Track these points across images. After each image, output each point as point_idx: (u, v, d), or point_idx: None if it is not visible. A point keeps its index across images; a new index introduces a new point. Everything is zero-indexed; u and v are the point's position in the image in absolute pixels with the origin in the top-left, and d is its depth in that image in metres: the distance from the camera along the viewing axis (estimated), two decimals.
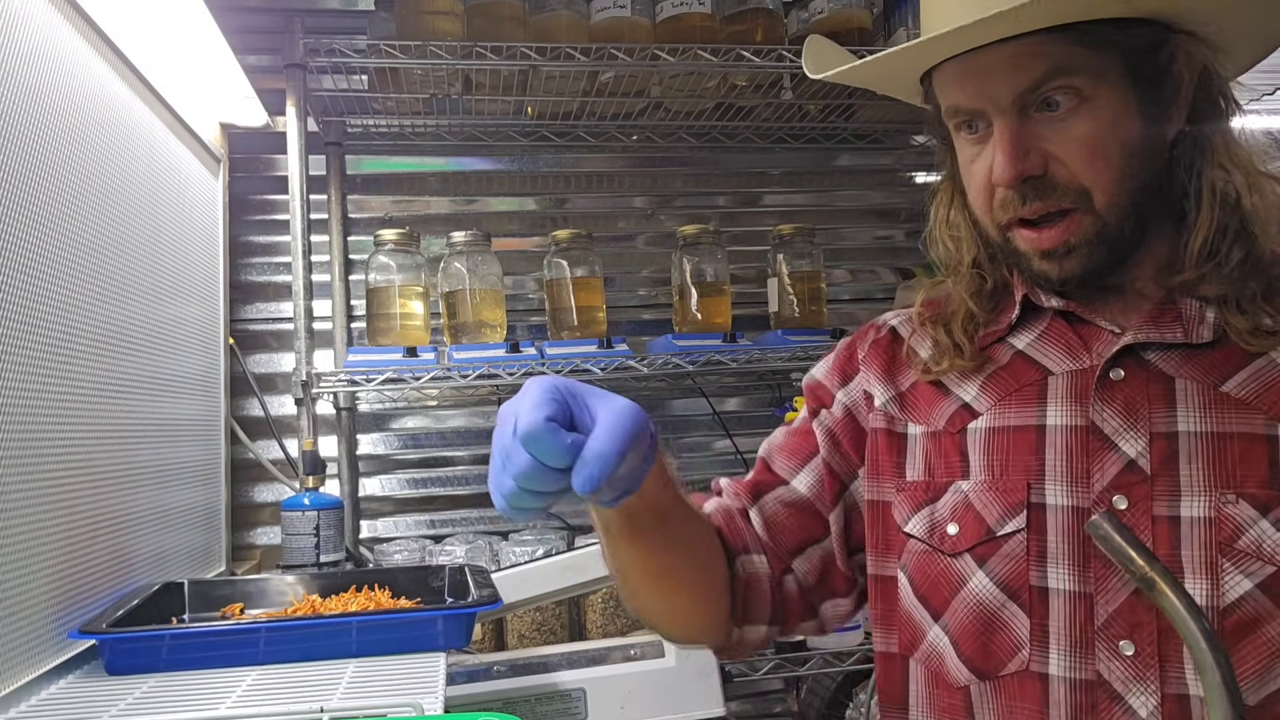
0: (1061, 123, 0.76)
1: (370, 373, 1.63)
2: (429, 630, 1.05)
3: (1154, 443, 0.76)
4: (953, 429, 0.85)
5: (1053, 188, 0.77)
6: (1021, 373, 0.84)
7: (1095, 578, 0.76)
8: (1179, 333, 0.78)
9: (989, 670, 0.80)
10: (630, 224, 2.13)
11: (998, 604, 0.79)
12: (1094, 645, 0.76)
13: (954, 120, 0.82)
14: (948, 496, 0.84)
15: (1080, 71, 0.75)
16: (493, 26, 1.73)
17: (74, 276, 1.10)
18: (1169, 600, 0.59)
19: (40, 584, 0.98)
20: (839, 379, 0.96)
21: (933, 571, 0.84)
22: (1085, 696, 0.75)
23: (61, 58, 1.10)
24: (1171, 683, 0.73)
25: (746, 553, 0.91)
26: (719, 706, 1.46)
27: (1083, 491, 0.78)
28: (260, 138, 1.89)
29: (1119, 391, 0.78)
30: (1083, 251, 0.78)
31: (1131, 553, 0.61)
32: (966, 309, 0.87)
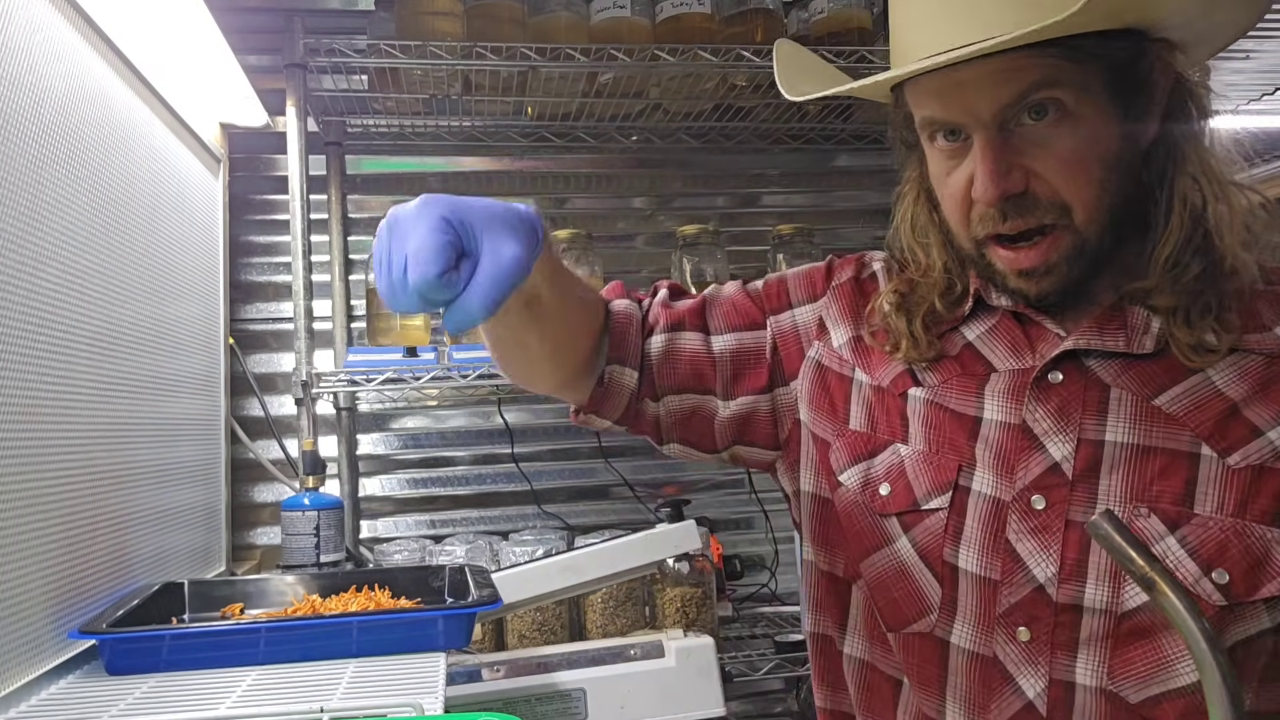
0: (1044, 137, 0.75)
1: (370, 373, 1.63)
2: (429, 630, 1.05)
3: (1080, 448, 0.78)
4: (896, 390, 0.87)
5: (1034, 205, 0.76)
6: (968, 363, 0.85)
7: (1002, 568, 0.79)
8: (1121, 342, 0.79)
9: (895, 625, 0.84)
10: (630, 224, 2.13)
11: (916, 569, 0.83)
12: (994, 627, 0.79)
13: (929, 130, 0.80)
14: (885, 455, 0.86)
15: (1065, 85, 0.74)
16: (492, 27, 1.73)
17: (74, 276, 1.10)
18: (1169, 601, 0.59)
19: (40, 584, 0.98)
20: (805, 294, 0.96)
21: (860, 523, 0.87)
22: (981, 670, 0.80)
23: (61, 58, 1.10)
24: (1060, 670, 0.77)
25: (621, 363, 0.91)
26: (719, 706, 1.46)
27: (1006, 485, 0.80)
28: (260, 138, 1.89)
29: (1054, 394, 0.80)
30: (1060, 270, 0.78)
31: (1131, 553, 0.61)
32: (930, 305, 0.87)
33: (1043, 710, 0.77)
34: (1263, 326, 0.79)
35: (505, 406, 2.01)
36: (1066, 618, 0.77)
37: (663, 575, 1.69)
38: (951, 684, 0.81)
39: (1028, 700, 0.78)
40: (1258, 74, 3.17)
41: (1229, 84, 3.47)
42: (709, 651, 1.48)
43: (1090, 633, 0.76)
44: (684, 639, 1.53)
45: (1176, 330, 0.77)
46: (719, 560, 1.82)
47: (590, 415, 0.94)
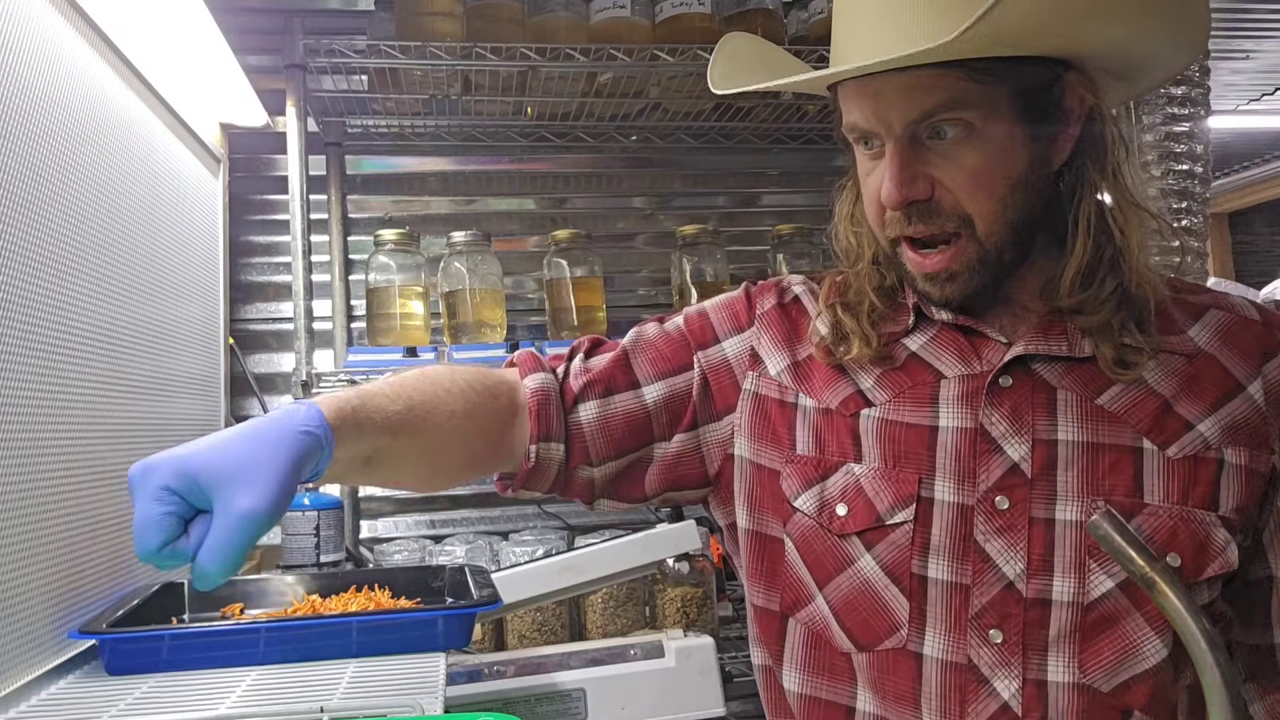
0: (949, 152, 0.79)
1: (370, 373, 1.63)
2: (429, 630, 1.05)
3: (1036, 448, 0.82)
4: (846, 411, 0.88)
5: (937, 212, 0.80)
6: (915, 373, 0.87)
7: (973, 571, 0.82)
8: (1064, 346, 0.84)
9: (867, 644, 0.85)
10: (630, 224, 2.13)
11: (881, 586, 0.85)
12: (966, 632, 0.82)
13: (852, 135, 0.85)
14: (838, 476, 0.87)
15: (971, 106, 0.77)
16: (492, 27, 1.73)
17: (74, 276, 1.10)
18: (1169, 600, 0.59)
19: (40, 584, 0.98)
20: (731, 325, 0.97)
21: (819, 546, 0.88)
22: (955, 677, 0.82)
23: (61, 58, 1.10)
24: (1033, 669, 0.80)
25: (546, 440, 0.91)
26: (719, 706, 1.46)
27: (969, 490, 0.83)
28: (260, 138, 1.89)
29: (1007, 398, 0.84)
30: (964, 277, 0.82)
31: (1132, 553, 0.61)
32: (869, 301, 0.90)
33: (1018, 710, 0.80)
34: (1178, 330, 0.86)
35: None
36: (1036, 614, 0.80)
37: (663, 575, 1.69)
38: (925, 694, 0.83)
39: (1003, 701, 0.80)
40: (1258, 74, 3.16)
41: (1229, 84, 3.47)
42: (709, 651, 1.48)
43: (1059, 628, 0.80)
44: (684, 639, 1.53)
45: (1102, 345, 0.82)
46: (719, 560, 1.82)
47: (520, 490, 0.94)
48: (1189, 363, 0.84)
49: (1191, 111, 2.09)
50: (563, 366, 0.96)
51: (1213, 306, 0.87)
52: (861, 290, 0.91)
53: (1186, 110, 2.09)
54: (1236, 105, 3.73)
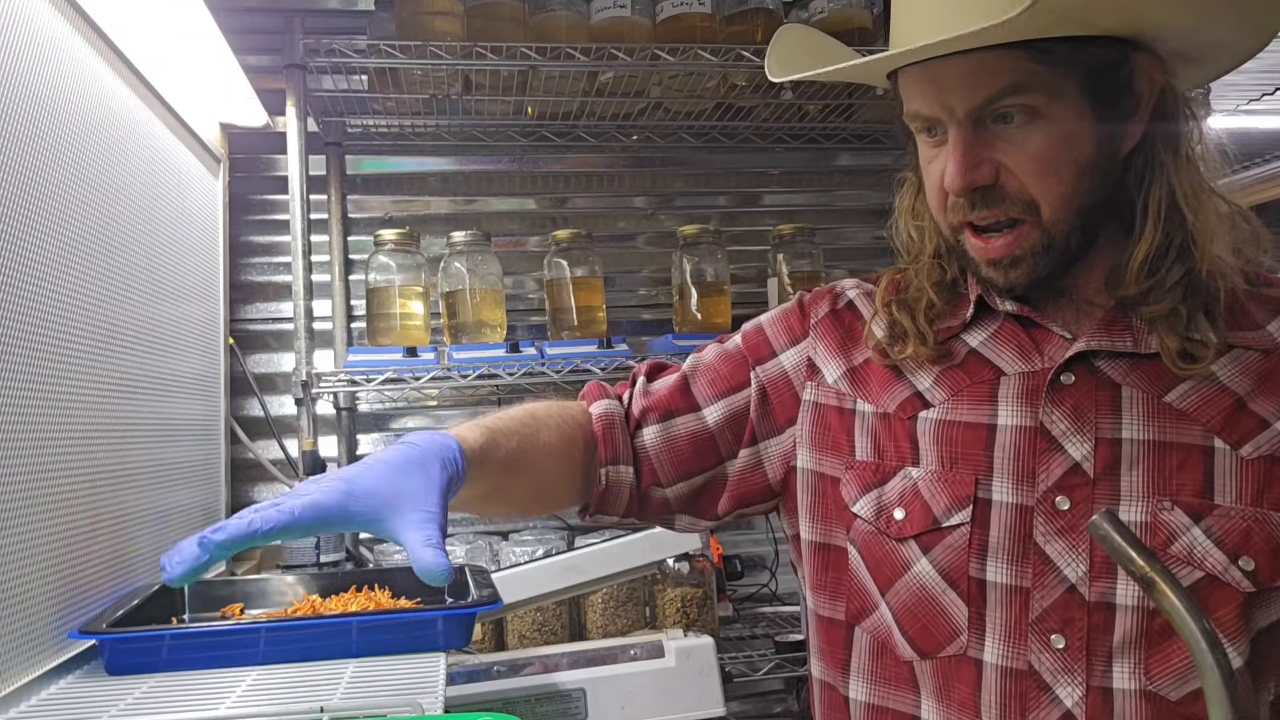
0: (1015, 136, 0.77)
1: (370, 373, 1.63)
2: (429, 630, 1.05)
3: (1099, 447, 0.79)
4: (904, 414, 0.87)
5: (1002, 198, 0.79)
6: (975, 370, 0.86)
7: (1033, 574, 0.79)
8: (1129, 342, 0.81)
9: (928, 650, 0.83)
10: (630, 224, 2.13)
11: (939, 590, 0.83)
12: (1027, 637, 0.79)
13: (914, 123, 0.84)
14: (896, 481, 0.86)
15: (1035, 89, 0.76)
16: (492, 27, 1.73)
17: (74, 276, 1.10)
18: (1169, 600, 0.59)
19: (40, 584, 0.98)
20: (786, 338, 0.97)
21: (878, 551, 0.86)
22: (1015, 684, 0.79)
23: (61, 58, 1.10)
24: (1097, 676, 0.77)
25: (615, 463, 0.94)
26: (719, 706, 1.47)
27: (1028, 490, 0.80)
28: (260, 138, 1.89)
29: (1068, 395, 0.81)
30: (1028, 263, 0.80)
31: (1131, 553, 0.61)
32: (928, 298, 0.88)
33: (1081, 719, 0.77)
34: (1256, 325, 0.82)
35: (505, 406, 2.01)
36: (1100, 618, 0.77)
37: (663, 575, 1.69)
38: (985, 702, 0.80)
39: (1066, 709, 0.77)
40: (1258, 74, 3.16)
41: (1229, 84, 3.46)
42: (709, 651, 1.48)
43: (1124, 634, 0.77)
44: (684, 639, 1.53)
45: (1166, 338, 0.79)
46: (719, 560, 1.82)
47: (598, 515, 0.96)
48: (1266, 358, 0.80)
49: None
50: (627, 392, 0.99)
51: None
52: (920, 286, 0.89)
53: None
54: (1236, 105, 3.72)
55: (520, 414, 0.91)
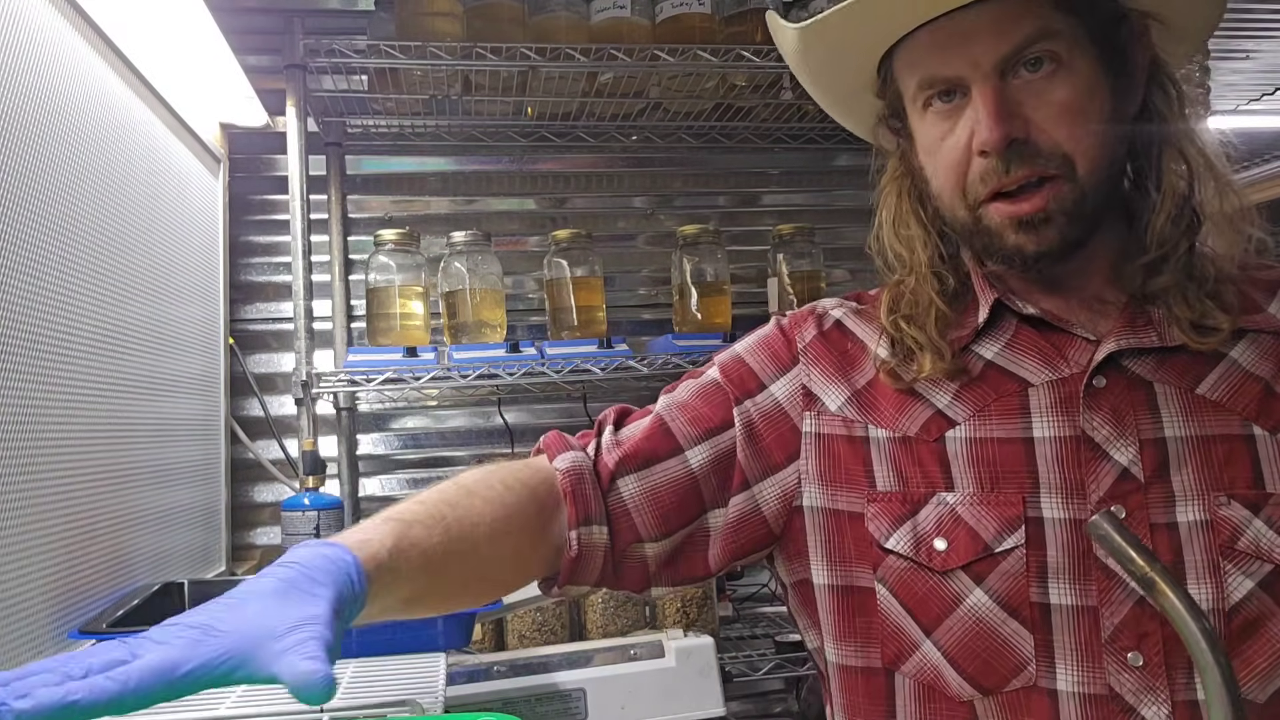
0: (1042, 88, 0.75)
1: (370, 373, 1.63)
2: (429, 630, 1.05)
3: (1144, 450, 0.76)
4: (929, 436, 0.81)
5: (1036, 153, 0.75)
6: (997, 384, 0.81)
7: (1098, 590, 0.75)
8: (1154, 337, 0.78)
9: (992, 687, 0.77)
10: (630, 224, 2.13)
11: (998, 621, 0.77)
12: (1101, 659, 0.74)
13: (926, 94, 0.79)
14: (929, 509, 0.80)
15: (1061, 35, 0.74)
16: (492, 27, 1.73)
17: (74, 276, 1.10)
18: (1169, 600, 0.59)
19: (40, 584, 0.98)
20: (774, 367, 0.89)
21: (920, 588, 0.79)
22: (1096, 710, 0.74)
23: (61, 58, 1.10)
24: (1180, 690, 0.73)
25: (587, 524, 0.82)
26: (719, 706, 1.47)
27: (1080, 503, 0.76)
28: (260, 138, 1.89)
29: (1105, 399, 0.77)
30: (1060, 222, 0.76)
31: (1131, 553, 0.61)
32: (937, 309, 0.83)
33: None
34: (1258, 308, 0.80)
35: (505, 406, 2.01)
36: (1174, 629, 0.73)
37: None
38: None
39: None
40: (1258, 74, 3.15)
41: (1229, 84, 3.46)
42: (709, 651, 1.48)
43: None
44: (684, 639, 1.53)
45: (1177, 309, 0.77)
46: None
47: (567, 586, 0.84)
48: (1277, 339, 0.78)
49: (1191, 111, 2.09)
50: (592, 443, 0.87)
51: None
52: (927, 297, 0.83)
53: (1186, 110, 2.08)
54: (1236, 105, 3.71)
55: (448, 491, 0.77)
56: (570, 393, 1.99)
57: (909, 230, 0.86)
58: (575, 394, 1.99)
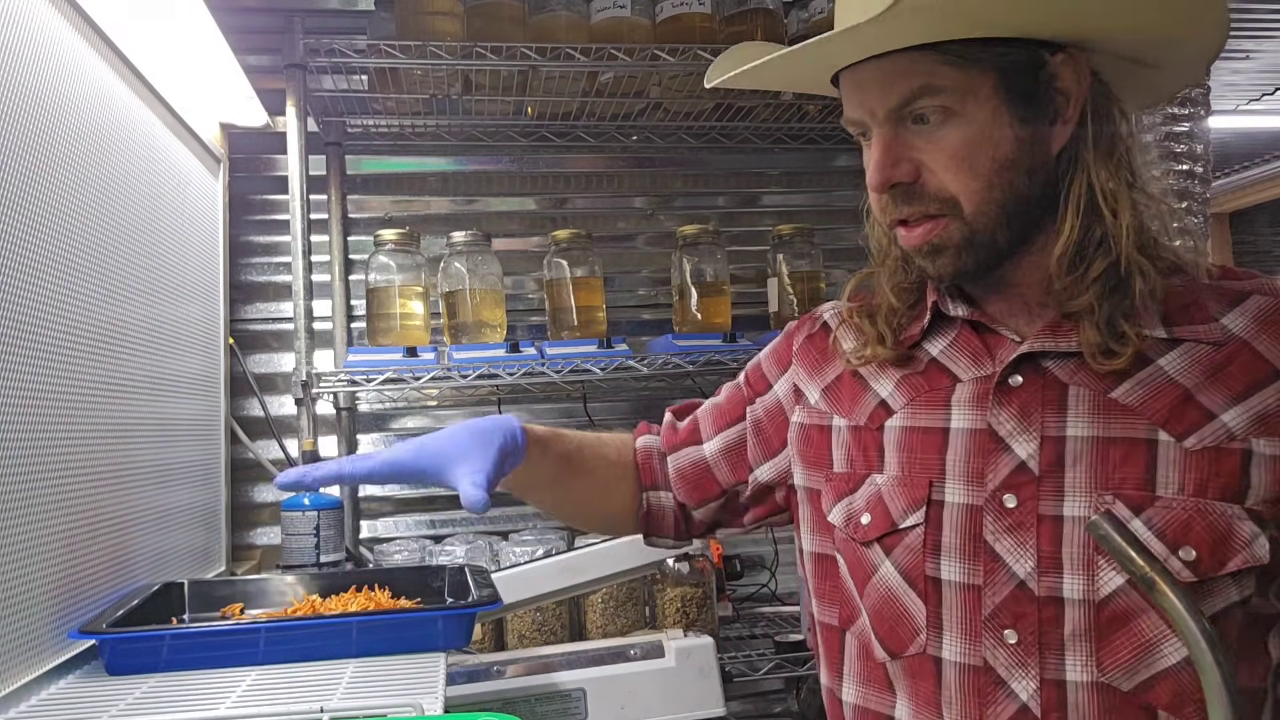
0: (932, 135, 0.81)
1: (370, 373, 1.63)
2: (429, 630, 1.05)
3: (1044, 446, 0.81)
4: (873, 425, 0.91)
5: (920, 195, 0.82)
6: (934, 377, 0.89)
7: (984, 571, 0.82)
8: (1074, 342, 0.82)
9: (897, 651, 0.86)
10: (630, 224, 2.13)
11: (900, 591, 0.86)
12: (981, 634, 0.81)
13: (850, 129, 0.88)
14: (864, 488, 0.90)
15: (948, 90, 0.79)
16: (492, 27, 1.73)
17: (74, 276, 1.10)
18: (1169, 601, 0.59)
19: (40, 584, 0.98)
20: (778, 370, 1.05)
21: (852, 557, 0.91)
22: (973, 680, 0.81)
23: (61, 58, 1.10)
24: (1050, 669, 0.79)
25: (655, 489, 1.07)
26: (719, 706, 1.46)
27: (977, 490, 0.83)
28: (260, 138, 1.89)
29: (1015, 397, 0.83)
30: (950, 253, 0.83)
31: (1131, 553, 0.61)
32: (889, 302, 0.92)
33: (1037, 711, 0.79)
34: (1209, 318, 0.82)
35: (505, 406, 2.01)
36: (1050, 612, 0.79)
37: (663, 575, 1.70)
38: (946, 699, 0.83)
39: (1022, 703, 0.79)
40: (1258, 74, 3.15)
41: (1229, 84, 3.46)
42: (709, 651, 1.48)
43: (1074, 627, 0.78)
44: (684, 639, 1.53)
45: (1086, 331, 0.81)
46: (719, 560, 1.82)
47: (651, 537, 1.09)
48: (1216, 350, 0.80)
49: (1191, 111, 2.09)
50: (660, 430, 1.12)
51: (1256, 292, 0.83)
52: (881, 290, 0.94)
53: (1186, 110, 2.09)
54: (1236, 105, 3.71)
55: (585, 432, 1.10)
56: (570, 393, 1.99)
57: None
58: (575, 394, 1.99)
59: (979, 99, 0.79)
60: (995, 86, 0.79)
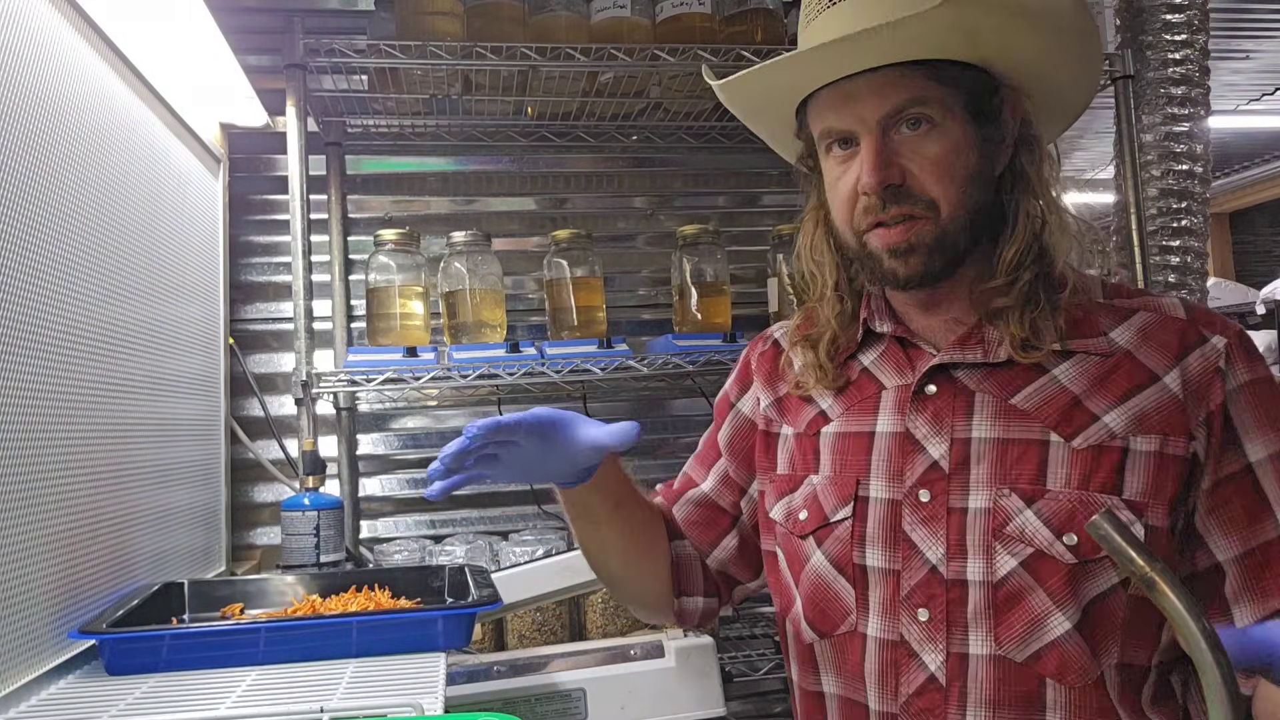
0: (917, 144, 0.90)
1: (370, 373, 1.63)
2: (429, 630, 1.05)
3: (954, 446, 0.92)
4: (810, 431, 1.02)
5: (908, 195, 0.91)
6: (865, 387, 1.00)
7: (903, 558, 0.92)
8: (980, 353, 0.94)
9: (827, 631, 0.97)
10: (630, 224, 2.13)
11: (831, 578, 0.97)
12: (899, 612, 0.92)
13: (827, 141, 0.95)
14: (802, 488, 1.01)
15: (932, 102, 0.90)
16: (492, 27, 1.73)
17: (74, 276, 1.10)
18: (1169, 600, 0.59)
19: (40, 584, 0.98)
20: (739, 390, 1.13)
21: (790, 550, 1.01)
22: (891, 653, 0.92)
23: (61, 58, 1.10)
24: (956, 643, 0.89)
25: (677, 538, 1.11)
26: (719, 706, 1.46)
27: (897, 486, 0.94)
28: (260, 138, 1.89)
29: (930, 404, 0.94)
30: (921, 253, 0.92)
31: (1131, 553, 0.61)
32: (831, 332, 1.02)
33: (942, 680, 0.89)
34: (1100, 332, 0.93)
35: (505, 406, 2.01)
36: (956, 593, 0.90)
37: None
38: (869, 670, 0.94)
39: (930, 673, 0.90)
40: (1258, 74, 3.15)
41: (1229, 84, 3.46)
42: (709, 651, 1.48)
43: (975, 606, 0.89)
44: (684, 639, 1.53)
45: (1014, 326, 0.92)
46: None
47: (682, 598, 1.10)
48: (1103, 361, 0.91)
49: (1191, 111, 2.09)
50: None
51: (1142, 309, 0.95)
52: (826, 320, 1.03)
53: (1186, 110, 2.08)
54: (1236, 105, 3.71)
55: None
56: (570, 393, 1.98)
57: (820, 256, 1.04)
58: (575, 394, 1.99)
59: (954, 115, 0.91)
60: (965, 106, 0.91)
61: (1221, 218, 6.28)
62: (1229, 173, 5.77)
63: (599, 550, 1.07)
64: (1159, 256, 2.10)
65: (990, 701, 0.88)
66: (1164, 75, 2.08)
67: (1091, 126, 4.31)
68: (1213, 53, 2.24)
